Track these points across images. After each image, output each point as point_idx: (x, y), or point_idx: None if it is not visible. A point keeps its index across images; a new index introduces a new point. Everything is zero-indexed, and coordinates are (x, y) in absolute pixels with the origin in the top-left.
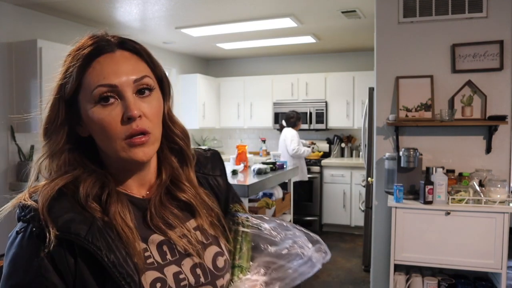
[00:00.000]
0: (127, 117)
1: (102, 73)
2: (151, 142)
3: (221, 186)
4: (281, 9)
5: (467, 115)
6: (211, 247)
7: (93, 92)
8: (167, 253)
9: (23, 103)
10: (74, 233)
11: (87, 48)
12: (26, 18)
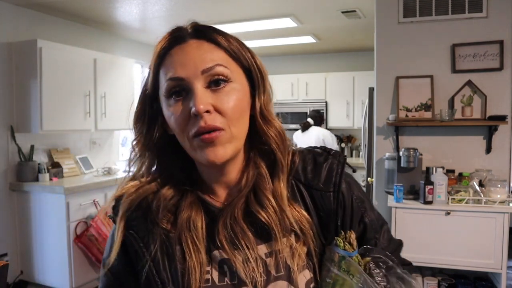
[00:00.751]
0: (193, 113)
1: (171, 66)
2: (225, 140)
3: (330, 205)
4: (281, 9)
5: (467, 115)
6: (278, 282)
7: (164, 87)
8: (226, 274)
9: (23, 103)
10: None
11: (161, 42)
12: (26, 18)
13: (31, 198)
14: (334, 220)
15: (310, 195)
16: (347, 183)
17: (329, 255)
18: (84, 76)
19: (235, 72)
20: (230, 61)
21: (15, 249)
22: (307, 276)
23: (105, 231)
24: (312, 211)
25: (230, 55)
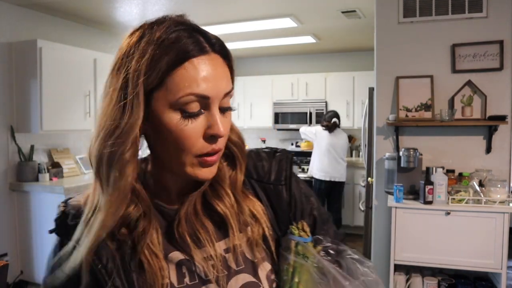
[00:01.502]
0: (212, 135)
1: (196, 79)
2: (218, 160)
3: (283, 197)
4: (281, 9)
5: (467, 115)
6: (240, 276)
7: (179, 98)
8: (185, 275)
9: (23, 103)
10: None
11: (183, 42)
12: (26, 18)
13: (31, 198)
14: (287, 212)
15: (264, 190)
16: (295, 178)
17: (285, 245)
18: (84, 76)
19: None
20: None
21: (15, 249)
22: (267, 268)
23: None
24: (266, 206)
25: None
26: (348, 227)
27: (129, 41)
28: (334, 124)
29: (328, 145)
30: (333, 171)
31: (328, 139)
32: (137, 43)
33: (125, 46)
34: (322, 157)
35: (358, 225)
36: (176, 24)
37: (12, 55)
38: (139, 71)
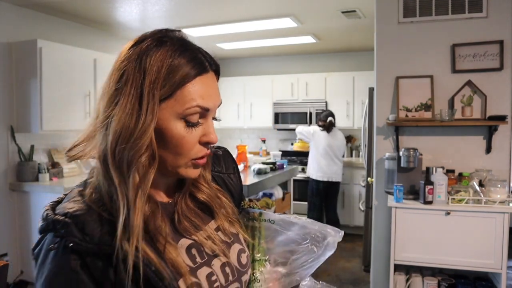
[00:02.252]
0: (207, 142)
1: (202, 93)
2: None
3: (235, 183)
4: (281, 9)
5: (467, 115)
6: (234, 245)
7: (186, 109)
8: (196, 256)
9: (23, 103)
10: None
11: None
12: (26, 18)
13: (31, 198)
14: (239, 193)
15: (222, 180)
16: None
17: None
18: (84, 76)
19: None
20: None
21: (15, 249)
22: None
23: None
24: (226, 191)
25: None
26: (347, 227)
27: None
28: (331, 123)
29: (326, 145)
30: (330, 172)
31: (326, 139)
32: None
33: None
34: (320, 157)
35: (357, 225)
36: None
37: (12, 55)
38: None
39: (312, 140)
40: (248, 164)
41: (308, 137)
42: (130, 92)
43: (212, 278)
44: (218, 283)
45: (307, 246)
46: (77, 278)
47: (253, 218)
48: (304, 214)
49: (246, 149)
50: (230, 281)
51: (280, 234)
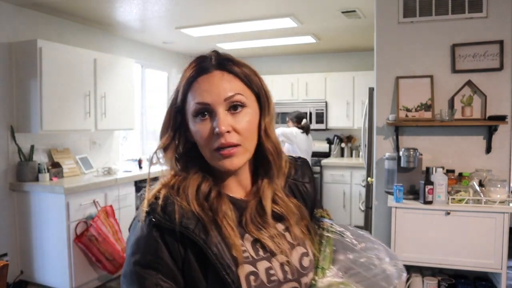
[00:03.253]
0: (216, 132)
1: (199, 92)
2: (240, 153)
3: (309, 192)
4: (281, 9)
5: (467, 115)
6: (297, 248)
7: (192, 108)
8: (259, 250)
9: (23, 103)
10: (185, 226)
11: (190, 70)
12: (26, 18)
13: (31, 198)
14: (312, 202)
15: (296, 187)
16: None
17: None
18: (84, 76)
19: (249, 98)
20: (245, 89)
21: (15, 249)
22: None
23: (105, 231)
24: (299, 199)
25: (245, 84)
26: None
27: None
28: (308, 126)
29: (307, 147)
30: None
31: (306, 142)
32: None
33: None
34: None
35: (358, 225)
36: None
37: (12, 55)
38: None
39: (294, 142)
40: None
41: (292, 140)
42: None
43: (270, 272)
44: (275, 277)
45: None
46: (157, 245)
47: (323, 227)
48: None
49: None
50: (288, 279)
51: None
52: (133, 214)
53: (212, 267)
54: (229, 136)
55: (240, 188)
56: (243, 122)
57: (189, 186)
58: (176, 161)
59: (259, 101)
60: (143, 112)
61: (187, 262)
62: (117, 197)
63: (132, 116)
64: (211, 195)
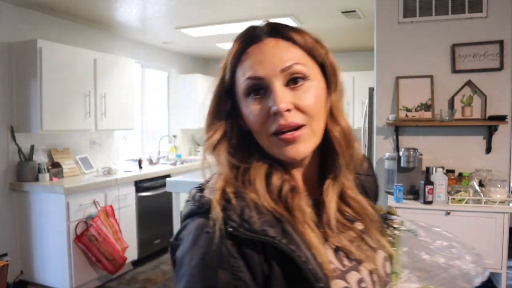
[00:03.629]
0: (273, 112)
1: (249, 65)
2: (306, 137)
3: (372, 186)
4: (281, 9)
5: (467, 115)
6: (379, 252)
7: (242, 86)
8: (343, 259)
9: (23, 103)
10: (270, 235)
11: (237, 42)
12: (26, 18)
13: (31, 198)
14: (375, 198)
15: (359, 181)
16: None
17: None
18: (84, 76)
19: (312, 69)
20: (307, 58)
21: (15, 249)
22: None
23: (105, 231)
24: (363, 193)
25: (306, 52)
26: None
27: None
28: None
29: None
30: None
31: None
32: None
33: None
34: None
35: None
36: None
37: (12, 55)
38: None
39: None
40: None
41: None
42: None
43: (362, 285)
44: None
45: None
46: (235, 262)
47: (394, 226)
48: None
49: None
50: None
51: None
52: (133, 214)
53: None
54: (290, 115)
55: (305, 184)
56: (307, 97)
57: (255, 177)
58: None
59: (324, 74)
60: (143, 112)
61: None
62: (117, 197)
63: (132, 116)
64: (284, 189)
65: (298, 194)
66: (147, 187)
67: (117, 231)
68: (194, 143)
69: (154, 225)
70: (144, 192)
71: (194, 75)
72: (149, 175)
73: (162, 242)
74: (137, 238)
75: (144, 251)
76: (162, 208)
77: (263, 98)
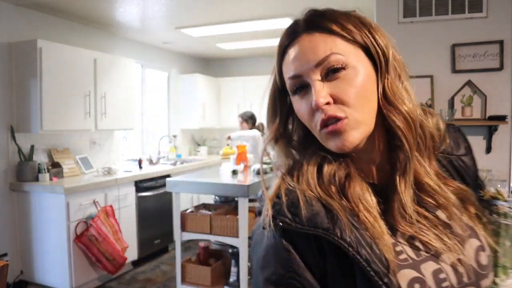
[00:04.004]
0: (314, 107)
1: (288, 65)
2: (350, 127)
3: (469, 167)
4: (281, 9)
5: (467, 115)
6: (470, 240)
7: (288, 86)
8: (420, 247)
9: (23, 103)
10: (321, 227)
11: (280, 41)
12: (26, 18)
13: (31, 198)
14: (475, 181)
15: (450, 163)
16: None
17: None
18: (84, 76)
19: (352, 55)
20: (346, 45)
21: (15, 249)
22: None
23: (105, 231)
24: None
25: (344, 39)
26: None
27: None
28: (263, 126)
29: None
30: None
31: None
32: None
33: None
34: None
35: None
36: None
37: (12, 55)
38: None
39: (257, 145)
40: (248, 164)
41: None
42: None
43: (440, 276)
44: (447, 283)
45: None
46: (289, 256)
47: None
48: None
49: (246, 149)
50: (464, 284)
51: None
52: (133, 214)
53: (362, 275)
54: (329, 108)
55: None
56: (347, 87)
57: (307, 169)
58: (292, 149)
59: (371, 57)
60: (143, 112)
61: (328, 271)
62: (117, 197)
63: (132, 116)
64: (338, 175)
65: (354, 180)
66: (147, 187)
67: (117, 231)
68: (194, 143)
69: (154, 225)
70: (144, 192)
71: (194, 75)
72: (149, 175)
73: (162, 242)
74: (137, 238)
75: (144, 251)
76: (162, 208)
77: (306, 94)
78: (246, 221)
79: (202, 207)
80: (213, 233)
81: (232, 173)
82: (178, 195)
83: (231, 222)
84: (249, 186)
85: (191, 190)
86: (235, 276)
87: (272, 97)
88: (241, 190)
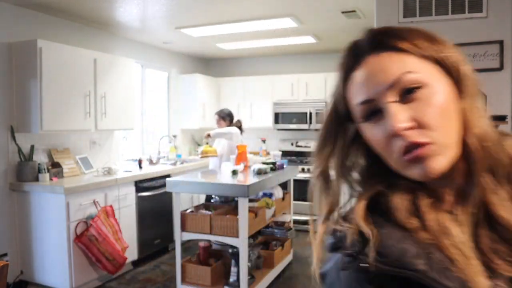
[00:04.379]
0: (391, 134)
1: (356, 89)
2: (435, 153)
3: None
4: (281, 9)
5: None
6: None
7: (356, 113)
8: None
9: (23, 103)
10: (414, 269)
11: (341, 67)
12: (26, 18)
13: (31, 198)
14: None
15: None
16: None
17: None
18: (84, 76)
19: (428, 72)
20: (419, 62)
21: (15, 249)
22: None
23: (105, 231)
24: None
25: (415, 56)
26: None
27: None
28: (241, 124)
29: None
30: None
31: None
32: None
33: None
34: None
35: None
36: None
37: (12, 55)
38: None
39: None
40: (248, 164)
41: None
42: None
43: None
44: None
45: None
46: None
47: None
48: (304, 214)
49: (246, 149)
50: None
51: None
52: (133, 214)
53: None
54: (410, 134)
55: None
56: (427, 108)
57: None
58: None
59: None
60: (143, 112)
61: None
62: (117, 197)
63: (132, 116)
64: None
65: (436, 210)
66: (147, 187)
67: (117, 231)
68: (194, 143)
69: (154, 225)
70: (144, 192)
71: (194, 75)
72: (149, 175)
73: (162, 242)
74: (137, 238)
75: (144, 251)
76: (162, 208)
77: (381, 119)
78: (246, 221)
79: (202, 207)
80: (213, 233)
81: (232, 173)
82: (178, 195)
83: (231, 222)
84: (249, 186)
85: (191, 190)
86: (235, 276)
87: (329, 125)
88: (241, 190)
